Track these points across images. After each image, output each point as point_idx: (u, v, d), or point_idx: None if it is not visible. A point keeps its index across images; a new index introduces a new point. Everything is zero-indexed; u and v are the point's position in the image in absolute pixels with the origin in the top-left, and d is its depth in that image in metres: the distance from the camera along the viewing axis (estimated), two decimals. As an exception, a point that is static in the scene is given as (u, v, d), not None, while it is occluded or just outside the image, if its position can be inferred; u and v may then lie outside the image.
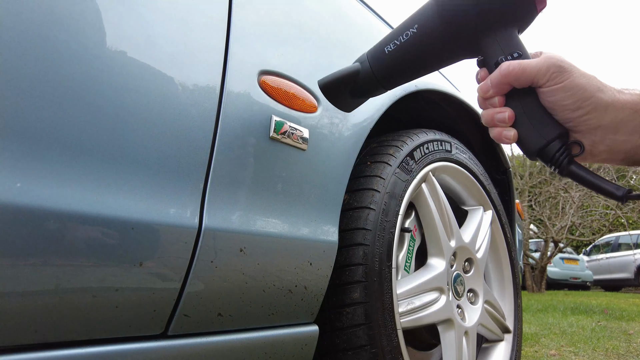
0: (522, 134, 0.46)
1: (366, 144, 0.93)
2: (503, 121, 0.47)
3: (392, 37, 0.54)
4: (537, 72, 0.44)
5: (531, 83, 0.45)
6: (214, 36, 0.58)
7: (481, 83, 0.48)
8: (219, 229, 0.55)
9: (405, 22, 0.53)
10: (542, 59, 0.44)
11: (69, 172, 0.43)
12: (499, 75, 0.46)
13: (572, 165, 0.45)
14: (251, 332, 0.62)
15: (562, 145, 0.45)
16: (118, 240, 0.46)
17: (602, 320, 3.55)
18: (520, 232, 1.87)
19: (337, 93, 0.61)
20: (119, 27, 0.48)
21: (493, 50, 0.48)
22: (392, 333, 0.77)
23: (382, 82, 0.57)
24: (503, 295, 1.26)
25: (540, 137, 0.45)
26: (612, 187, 0.43)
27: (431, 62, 0.54)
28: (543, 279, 8.27)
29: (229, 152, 0.57)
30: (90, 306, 0.46)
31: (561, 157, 0.45)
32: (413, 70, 0.56)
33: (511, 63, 0.45)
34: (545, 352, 2.17)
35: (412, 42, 0.52)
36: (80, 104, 0.45)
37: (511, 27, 0.48)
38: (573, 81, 0.43)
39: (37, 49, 0.42)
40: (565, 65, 0.43)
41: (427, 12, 0.51)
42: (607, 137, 0.43)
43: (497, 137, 0.48)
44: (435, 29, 0.50)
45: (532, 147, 0.46)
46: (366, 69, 0.57)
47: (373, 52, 0.57)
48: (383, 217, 0.81)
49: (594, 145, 0.44)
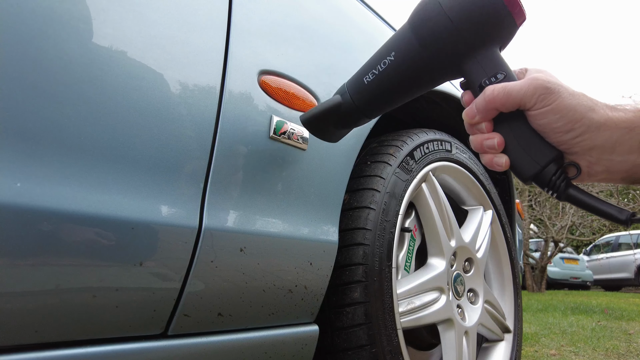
0: (515, 160, 0.44)
1: (366, 144, 0.93)
2: (492, 148, 0.45)
3: (369, 67, 0.53)
4: (522, 96, 0.42)
5: (518, 107, 0.43)
6: (214, 36, 0.58)
7: (467, 108, 0.46)
8: (219, 228, 0.55)
9: (382, 50, 0.52)
10: (527, 82, 0.42)
11: (69, 172, 0.43)
12: (484, 101, 0.44)
13: (570, 188, 0.43)
14: (251, 332, 0.62)
15: (557, 169, 0.43)
16: (118, 240, 0.46)
17: (602, 320, 3.55)
18: (520, 232, 1.87)
19: (321, 127, 0.60)
20: (118, 27, 0.48)
21: (475, 73, 0.46)
22: (392, 333, 0.77)
23: (365, 113, 0.56)
24: (503, 295, 1.26)
25: (534, 163, 0.43)
26: (614, 211, 0.41)
27: (412, 88, 0.52)
28: (543, 278, 8.26)
29: (229, 152, 0.57)
30: (91, 306, 0.46)
31: (558, 181, 0.43)
32: (395, 98, 0.54)
33: (495, 88, 0.43)
34: (546, 352, 2.17)
35: (390, 70, 0.51)
36: (80, 104, 0.45)
37: (492, 46, 0.46)
38: (561, 103, 0.41)
39: (37, 49, 0.42)
40: (552, 87, 0.41)
41: (403, 37, 0.49)
42: (603, 157, 0.41)
43: (489, 164, 0.46)
44: (413, 54, 0.48)
45: (526, 173, 0.44)
46: (347, 101, 0.55)
47: (352, 82, 0.56)
48: (383, 216, 0.81)
49: (590, 167, 0.42)
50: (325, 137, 0.62)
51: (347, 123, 0.59)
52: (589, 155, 0.42)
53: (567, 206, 8.75)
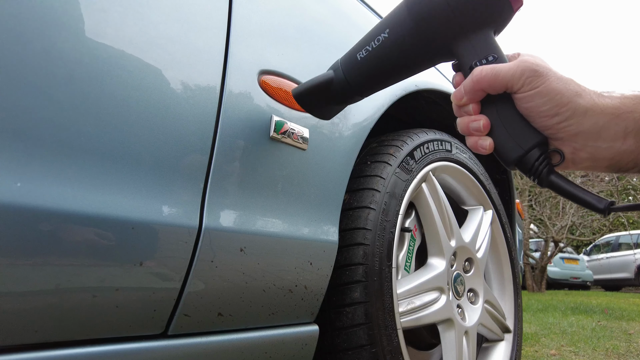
0: (499, 143, 0.44)
1: (366, 144, 0.93)
2: (478, 130, 0.44)
3: (363, 43, 0.53)
4: (510, 77, 0.41)
5: (505, 89, 0.42)
6: (214, 36, 0.58)
7: (455, 90, 0.46)
8: (219, 228, 0.55)
9: (377, 27, 0.52)
10: (516, 63, 0.42)
11: (69, 172, 0.43)
12: (471, 81, 0.43)
13: (552, 175, 0.43)
14: (251, 332, 0.62)
15: (541, 154, 0.42)
16: (118, 240, 0.46)
17: (602, 320, 3.55)
18: (520, 232, 1.87)
19: (312, 102, 0.59)
20: (119, 27, 0.48)
21: (467, 54, 0.46)
22: (392, 333, 0.77)
23: (357, 90, 0.55)
24: (503, 294, 1.26)
25: (518, 146, 0.43)
26: (593, 199, 0.41)
27: (405, 68, 0.52)
28: (543, 278, 8.27)
29: (229, 152, 0.57)
30: (91, 306, 0.46)
31: (540, 167, 0.42)
32: (387, 76, 0.54)
33: (484, 68, 0.43)
34: (546, 352, 2.17)
35: (384, 47, 0.50)
36: (80, 103, 0.44)
37: (486, 29, 0.45)
38: (549, 86, 0.40)
39: (38, 49, 0.42)
40: (540, 70, 0.41)
41: (398, 15, 0.49)
42: (589, 144, 0.41)
43: (473, 146, 0.45)
44: (407, 33, 0.48)
45: (509, 157, 0.44)
46: (339, 77, 0.55)
47: (346, 59, 0.55)
48: (383, 216, 0.81)
49: (575, 153, 0.42)
50: (318, 113, 0.61)
51: (339, 100, 0.58)
52: (574, 142, 0.41)
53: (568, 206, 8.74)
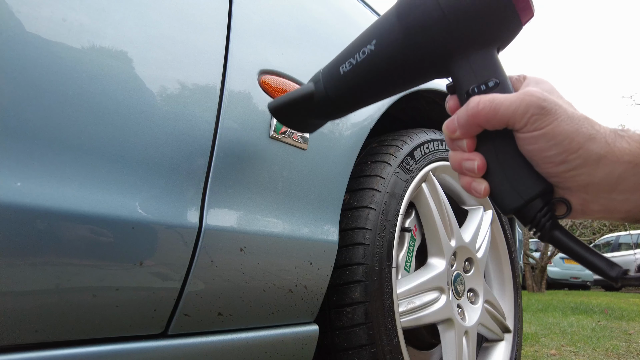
0: (495, 188, 0.38)
1: (366, 144, 0.93)
2: (472, 171, 0.38)
3: (347, 55, 0.46)
4: (512, 114, 0.35)
5: (506, 125, 0.36)
6: (215, 36, 0.58)
7: (448, 119, 0.39)
8: (219, 228, 0.55)
9: (362, 37, 0.45)
10: (520, 96, 0.35)
11: (69, 171, 0.43)
12: (466, 115, 0.37)
13: (556, 230, 0.36)
14: (251, 332, 0.62)
15: (544, 205, 0.36)
16: (118, 240, 0.46)
17: (602, 320, 3.55)
18: (520, 232, 1.87)
19: (291, 116, 0.54)
20: (119, 27, 0.48)
21: (464, 76, 0.39)
22: (392, 333, 0.77)
23: (340, 106, 0.50)
24: (503, 294, 1.26)
25: (517, 195, 0.37)
26: (604, 264, 0.34)
27: (393, 85, 0.46)
28: (543, 278, 8.27)
29: (229, 152, 0.57)
30: (91, 306, 0.46)
31: (543, 220, 0.36)
32: (373, 93, 0.47)
33: (482, 100, 0.36)
34: (546, 352, 2.17)
35: (370, 61, 0.44)
36: (80, 103, 0.44)
37: (488, 46, 0.38)
38: (556, 128, 0.34)
39: (38, 49, 0.42)
40: (548, 106, 0.34)
41: (386, 24, 0.42)
42: (602, 195, 0.34)
43: (466, 187, 0.39)
44: (394, 45, 0.41)
45: (507, 206, 0.37)
46: (320, 91, 0.49)
47: (327, 71, 0.49)
48: (383, 216, 0.81)
49: (585, 205, 0.35)
50: (297, 127, 0.56)
51: (320, 115, 0.52)
52: (585, 193, 0.35)
53: (567, 206, 8.72)
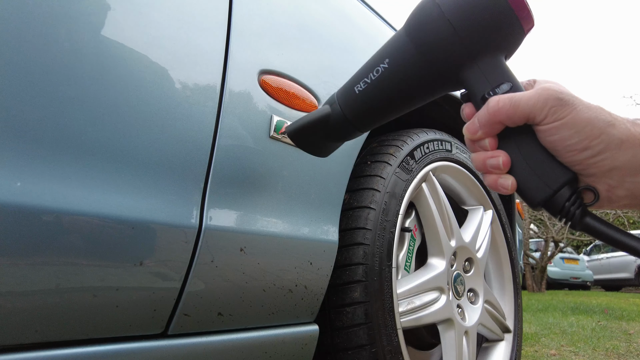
0: (522, 182, 0.39)
1: (366, 144, 0.93)
2: (497, 167, 0.39)
3: (361, 75, 0.49)
4: (532, 107, 0.37)
5: (527, 120, 0.38)
6: (215, 36, 0.58)
7: (468, 123, 0.41)
8: (219, 228, 0.55)
9: (375, 57, 0.48)
10: (537, 92, 0.37)
11: (69, 171, 0.43)
12: (487, 113, 0.39)
13: (587, 217, 0.37)
14: (251, 332, 0.62)
15: (572, 194, 0.37)
16: (118, 240, 0.46)
17: (602, 320, 3.55)
18: (520, 232, 1.87)
19: (309, 139, 0.55)
20: (119, 27, 0.48)
21: (478, 83, 0.41)
22: (392, 332, 0.77)
23: (356, 125, 0.51)
24: (503, 294, 1.26)
25: (545, 186, 0.38)
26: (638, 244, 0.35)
27: (408, 100, 0.48)
28: (543, 278, 8.27)
29: (229, 152, 0.57)
30: (91, 305, 0.46)
31: (572, 208, 0.37)
32: (389, 110, 0.49)
33: (501, 98, 0.38)
34: (546, 352, 2.17)
35: (384, 78, 0.46)
36: (80, 103, 0.45)
37: (496, 54, 0.41)
38: (577, 116, 0.35)
39: (38, 48, 0.42)
40: (565, 98, 0.36)
41: (398, 43, 0.45)
42: (626, 179, 0.35)
43: (493, 185, 0.40)
44: (408, 62, 0.44)
45: (535, 198, 0.39)
46: (337, 113, 0.51)
47: (343, 92, 0.51)
48: (383, 216, 0.81)
49: (611, 191, 0.36)
50: (314, 151, 0.58)
51: (337, 136, 0.54)
52: (609, 178, 0.36)
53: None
